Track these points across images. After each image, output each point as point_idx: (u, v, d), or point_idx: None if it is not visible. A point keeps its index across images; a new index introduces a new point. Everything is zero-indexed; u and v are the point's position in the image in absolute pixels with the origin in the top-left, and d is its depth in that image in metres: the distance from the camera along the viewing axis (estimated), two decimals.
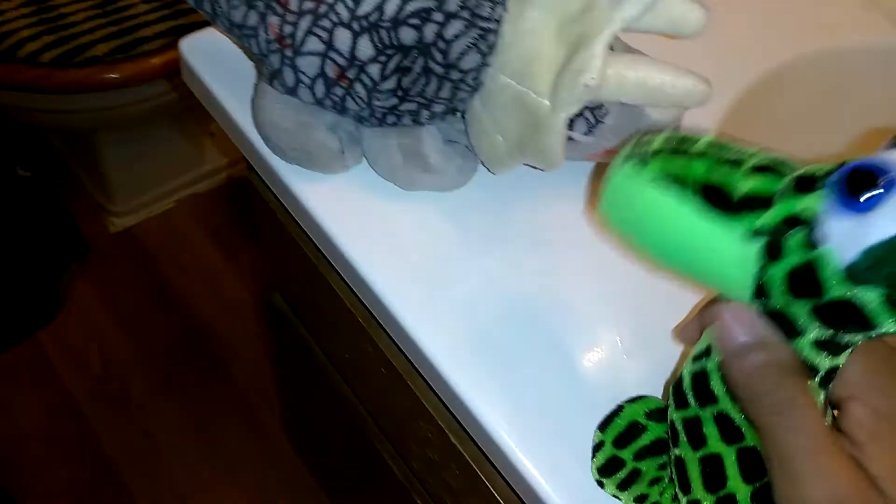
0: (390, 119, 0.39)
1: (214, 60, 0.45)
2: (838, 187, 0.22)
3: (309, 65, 0.37)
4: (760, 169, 0.24)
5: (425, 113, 0.39)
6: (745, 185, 0.24)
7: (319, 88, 0.38)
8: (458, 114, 0.41)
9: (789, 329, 0.24)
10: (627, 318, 0.39)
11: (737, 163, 0.24)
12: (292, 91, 0.39)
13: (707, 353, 0.27)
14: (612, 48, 0.35)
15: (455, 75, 0.37)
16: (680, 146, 0.26)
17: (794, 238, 0.23)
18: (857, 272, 0.21)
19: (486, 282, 0.39)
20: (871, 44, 0.53)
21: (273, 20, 0.36)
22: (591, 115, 0.38)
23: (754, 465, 0.26)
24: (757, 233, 0.23)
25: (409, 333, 0.38)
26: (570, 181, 0.43)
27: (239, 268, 1.27)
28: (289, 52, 0.37)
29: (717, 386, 0.27)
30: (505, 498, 0.42)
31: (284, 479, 1.07)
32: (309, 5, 0.36)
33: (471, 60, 0.37)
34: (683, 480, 0.29)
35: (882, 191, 0.21)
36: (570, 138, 0.38)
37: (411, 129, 0.40)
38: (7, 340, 1.15)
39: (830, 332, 0.24)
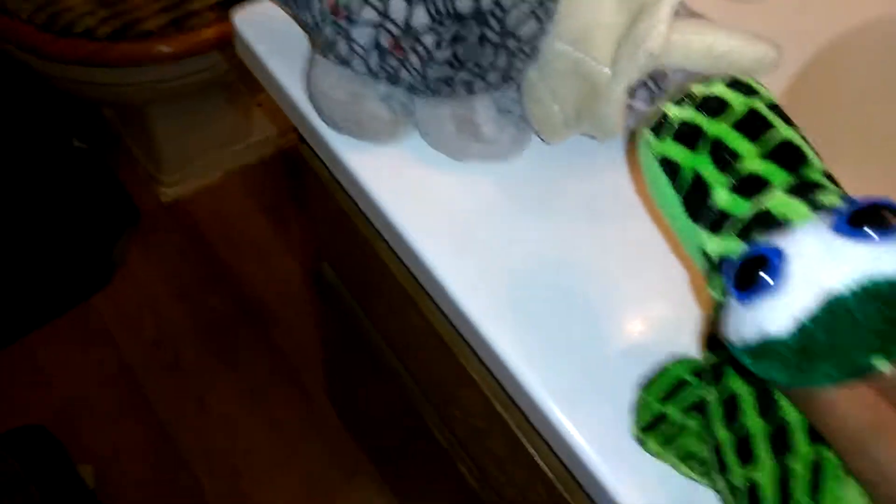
0: (444, 89, 0.39)
1: (267, 32, 0.45)
2: (732, 274, 0.23)
3: (363, 35, 0.37)
4: (742, 183, 0.25)
5: (480, 83, 0.39)
6: (718, 198, 0.26)
7: (373, 59, 0.38)
8: (513, 83, 0.40)
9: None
10: (675, 290, 0.38)
11: (735, 159, 0.25)
12: (346, 62, 0.38)
13: None
14: (675, 13, 0.33)
15: (512, 44, 0.37)
16: (694, 123, 0.27)
17: (719, 280, 0.25)
18: (735, 354, 0.23)
19: (536, 252, 0.39)
20: None
21: None
22: (653, 82, 0.37)
23: (767, 401, 0.28)
24: (704, 254, 0.26)
25: (457, 302, 0.38)
26: (625, 151, 0.43)
27: (286, 238, 1.29)
28: (343, 23, 0.37)
29: None
30: (549, 465, 0.42)
31: (329, 442, 1.09)
32: None
33: (528, 28, 0.36)
34: (707, 420, 0.30)
35: (766, 282, 0.21)
36: (629, 107, 0.37)
37: (464, 98, 0.40)
38: (64, 304, 1.19)
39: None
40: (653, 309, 0.38)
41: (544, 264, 0.39)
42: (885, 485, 0.23)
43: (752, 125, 0.26)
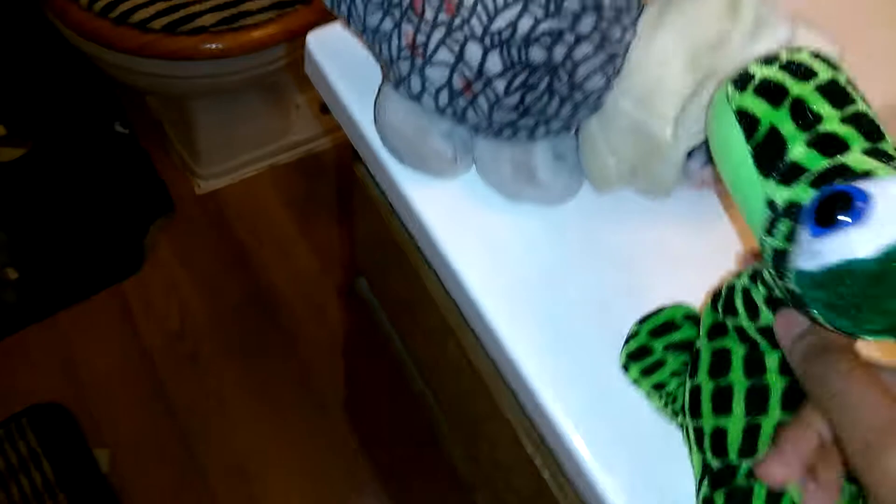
0: (507, 132, 0.40)
1: (338, 55, 0.47)
2: (813, 205, 0.24)
3: (437, 75, 0.38)
4: (820, 140, 0.26)
5: (542, 129, 0.40)
6: (794, 152, 0.26)
7: (443, 98, 0.39)
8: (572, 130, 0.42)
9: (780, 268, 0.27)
10: None
11: (816, 120, 0.26)
12: (416, 97, 0.40)
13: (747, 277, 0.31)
14: None
15: (578, 96, 0.38)
16: (778, 82, 0.27)
17: (785, 224, 0.26)
18: (801, 283, 0.25)
19: (584, 298, 0.40)
20: None
21: (408, 29, 0.37)
22: None
23: (756, 364, 0.31)
24: (769, 204, 0.27)
25: (502, 342, 0.39)
26: (675, 207, 0.43)
27: (311, 241, 1.31)
28: (419, 61, 0.38)
29: (738, 302, 0.31)
30: None
31: (340, 454, 1.10)
32: (444, 18, 0.37)
33: (595, 83, 0.37)
34: (694, 368, 0.33)
35: (848, 219, 0.23)
36: (685, 168, 0.38)
37: (524, 142, 0.41)
38: (92, 287, 1.21)
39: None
40: None
41: (593, 311, 0.40)
42: (889, 494, 0.22)
43: (835, 93, 0.26)
